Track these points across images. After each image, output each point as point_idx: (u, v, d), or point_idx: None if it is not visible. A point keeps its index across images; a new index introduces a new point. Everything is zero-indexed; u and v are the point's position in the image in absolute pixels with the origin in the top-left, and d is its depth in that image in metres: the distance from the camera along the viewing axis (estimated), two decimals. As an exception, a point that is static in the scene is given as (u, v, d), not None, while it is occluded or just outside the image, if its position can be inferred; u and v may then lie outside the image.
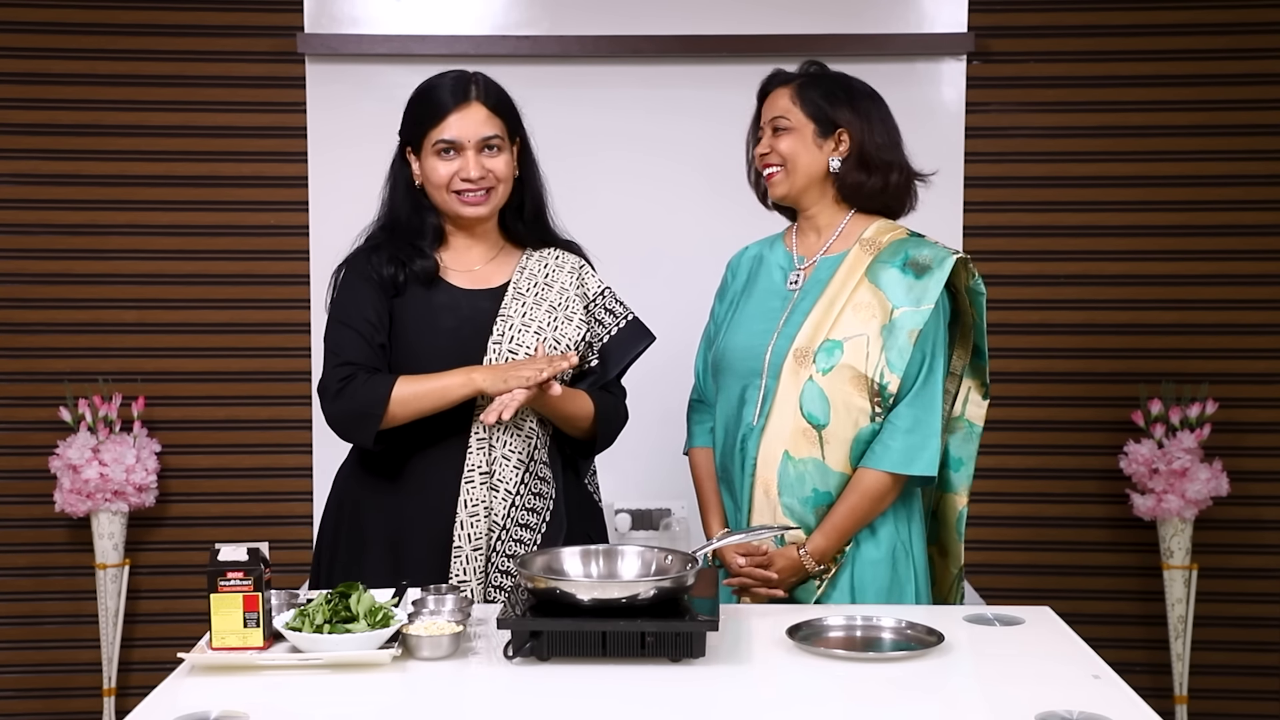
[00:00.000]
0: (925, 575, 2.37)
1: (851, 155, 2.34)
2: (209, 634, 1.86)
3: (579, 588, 1.89)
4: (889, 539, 2.31)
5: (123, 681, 3.70)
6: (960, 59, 3.70)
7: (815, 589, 2.28)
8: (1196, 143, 3.71)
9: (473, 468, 2.29)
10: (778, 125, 2.36)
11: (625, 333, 2.45)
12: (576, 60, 3.70)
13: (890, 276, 2.29)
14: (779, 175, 2.37)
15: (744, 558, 2.29)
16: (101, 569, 3.62)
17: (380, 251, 2.35)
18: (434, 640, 1.86)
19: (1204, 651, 3.69)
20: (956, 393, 2.43)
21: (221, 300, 3.77)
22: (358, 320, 2.31)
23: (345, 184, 3.67)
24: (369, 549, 2.32)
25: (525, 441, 2.33)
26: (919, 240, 2.35)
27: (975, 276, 2.34)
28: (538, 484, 2.34)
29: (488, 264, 2.40)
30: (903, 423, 2.26)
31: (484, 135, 2.32)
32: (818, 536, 2.27)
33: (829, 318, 2.29)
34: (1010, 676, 1.87)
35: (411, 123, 2.37)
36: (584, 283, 2.44)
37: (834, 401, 2.26)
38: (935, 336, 2.29)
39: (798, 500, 2.28)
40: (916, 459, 2.26)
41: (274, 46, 3.71)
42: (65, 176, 3.74)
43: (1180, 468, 3.50)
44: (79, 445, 3.56)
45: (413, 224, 2.38)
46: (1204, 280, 3.74)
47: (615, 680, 1.78)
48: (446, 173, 2.32)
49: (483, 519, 2.29)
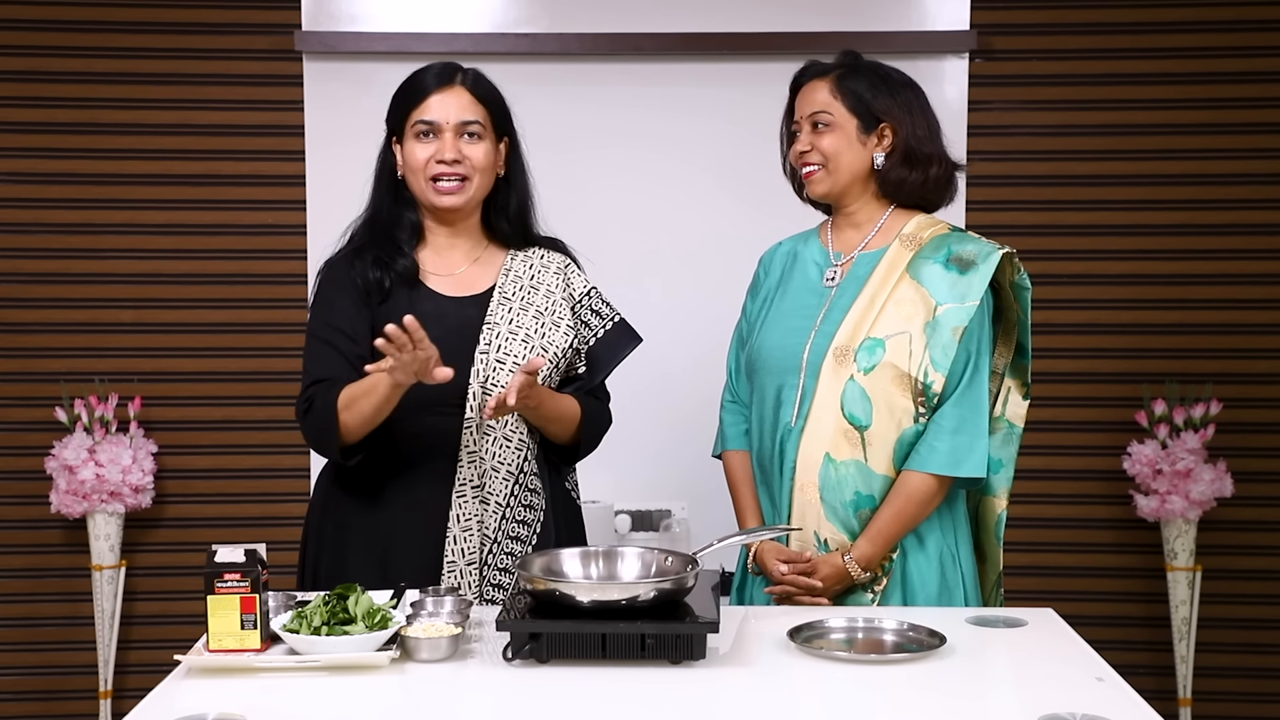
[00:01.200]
0: (974, 580, 2.33)
1: (895, 151, 2.30)
2: (206, 636, 1.86)
3: (579, 589, 1.88)
4: (936, 545, 2.28)
5: (119, 684, 3.71)
6: (962, 57, 3.70)
7: (869, 603, 2.24)
8: (1201, 141, 3.72)
9: (463, 482, 2.28)
10: (818, 121, 2.30)
11: (612, 335, 2.43)
12: (576, 58, 3.70)
13: (933, 272, 2.26)
14: (819, 174, 2.31)
15: (786, 565, 2.25)
16: (98, 570, 3.62)
17: (364, 254, 2.33)
18: (432, 642, 1.85)
19: (1208, 654, 3.69)
20: (997, 392, 2.39)
21: (218, 300, 3.77)
22: (331, 333, 2.30)
23: (343, 183, 3.62)
24: (355, 566, 2.29)
25: (515, 453, 2.32)
26: (962, 235, 2.32)
27: (1020, 272, 2.30)
28: (528, 495, 2.33)
29: (471, 266, 2.39)
30: (948, 423, 2.22)
31: (464, 119, 2.31)
32: (863, 542, 2.23)
33: (870, 315, 2.25)
34: (1013, 679, 1.87)
35: (396, 106, 2.37)
36: (570, 283, 2.43)
37: (876, 402, 2.22)
38: (980, 334, 2.26)
39: (840, 504, 2.24)
40: (964, 460, 2.22)
41: (271, 44, 3.72)
42: (61, 175, 3.74)
43: (1184, 468, 3.50)
44: (75, 446, 3.56)
45: (391, 216, 2.37)
46: (1208, 279, 3.74)
47: (615, 683, 1.78)
48: (424, 155, 2.31)
49: (475, 533, 2.28)
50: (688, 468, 3.50)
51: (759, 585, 2.35)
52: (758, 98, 2.84)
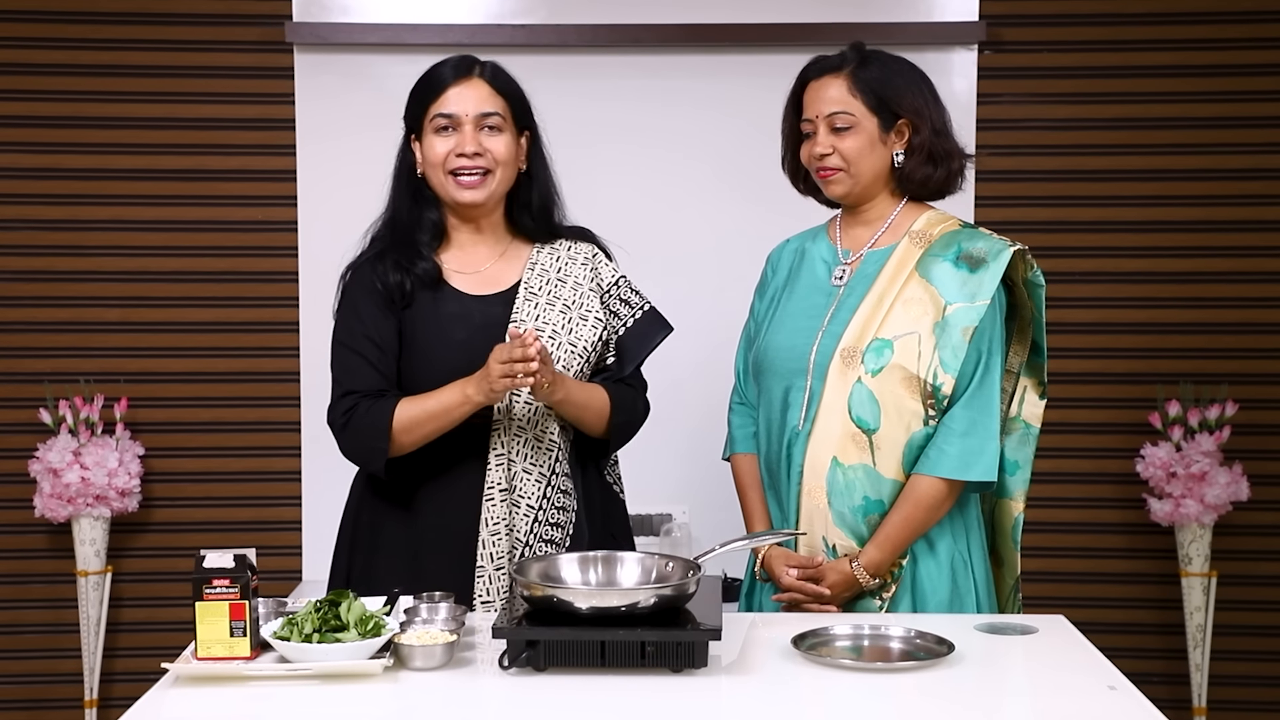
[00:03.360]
0: (988, 587, 2.33)
1: (917, 149, 2.30)
2: (194, 643, 1.87)
3: (577, 595, 1.89)
4: (947, 551, 2.28)
5: (105, 693, 3.71)
6: (971, 48, 3.70)
7: (878, 610, 2.25)
8: (1216, 135, 3.71)
9: (493, 485, 2.29)
10: (837, 122, 2.29)
11: (642, 323, 2.43)
12: (575, 50, 3.70)
13: (942, 271, 2.26)
14: (840, 176, 2.30)
15: (794, 570, 2.26)
16: (83, 576, 3.62)
17: (385, 258, 2.34)
18: (427, 650, 1.86)
19: (1224, 662, 3.69)
20: (1013, 392, 2.39)
21: (207, 298, 3.77)
22: (360, 341, 2.30)
23: (335, 178, 3.68)
24: (387, 570, 2.30)
25: (546, 454, 2.33)
26: (972, 232, 2.32)
27: (1034, 268, 2.30)
28: (560, 497, 2.33)
29: (496, 262, 2.39)
30: (958, 425, 2.22)
31: (483, 111, 2.32)
32: (871, 548, 2.23)
33: (877, 315, 2.25)
34: (1023, 687, 1.88)
35: (413, 103, 2.38)
36: (598, 273, 2.43)
37: (884, 404, 2.22)
38: (991, 334, 2.26)
39: (848, 509, 2.24)
40: (974, 464, 2.22)
41: (261, 35, 3.71)
42: (45, 170, 3.73)
43: (1199, 471, 3.50)
44: (59, 448, 3.56)
45: (412, 217, 2.37)
46: (1224, 277, 3.74)
47: (614, 691, 1.78)
48: (444, 149, 2.31)
49: (504, 537, 2.28)
50: (689, 471, 3.50)
51: (768, 592, 2.35)
52: (761, 91, 2.83)
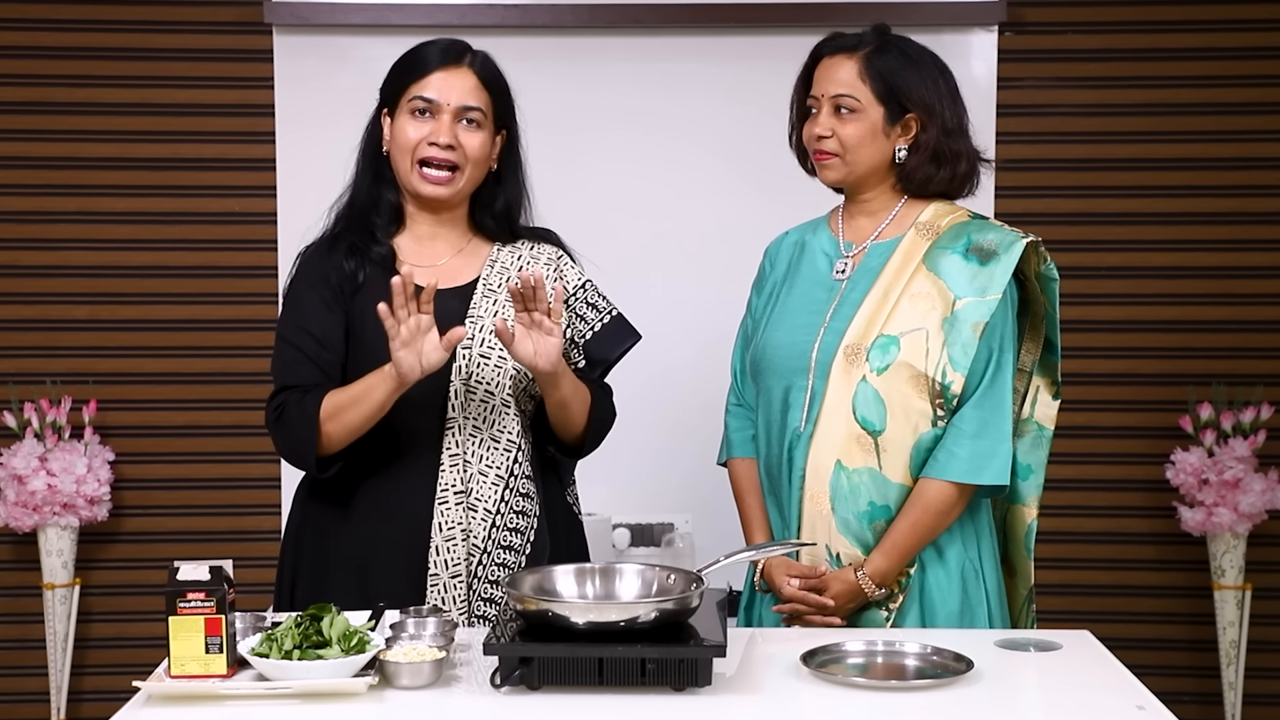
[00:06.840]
0: (1000, 598, 2.33)
1: (920, 145, 2.30)
2: (167, 660, 1.86)
3: (573, 610, 1.89)
4: (957, 559, 2.27)
5: (73, 712, 3.71)
6: (991, 30, 3.70)
7: (884, 622, 2.24)
8: (1249, 121, 3.72)
9: (446, 487, 2.28)
10: (841, 105, 2.29)
11: (609, 330, 2.43)
12: (571, 31, 3.70)
13: (951, 264, 2.25)
14: (834, 161, 2.31)
15: (795, 580, 2.25)
16: (49, 589, 3.62)
17: (338, 243, 2.35)
18: (414, 667, 1.86)
19: (1259, 680, 3.69)
20: (1025, 392, 2.39)
21: (181, 295, 3.77)
22: (299, 335, 2.31)
23: (316, 167, 3.62)
24: (334, 580, 2.30)
25: (505, 455, 2.32)
26: (982, 223, 2.32)
27: (1047, 262, 2.30)
28: (520, 501, 2.33)
29: (454, 257, 2.39)
30: (969, 427, 2.22)
31: (466, 103, 2.32)
32: (877, 556, 2.23)
33: (883, 310, 2.25)
34: (1046, 707, 1.88)
35: (392, 77, 2.37)
36: (563, 275, 2.43)
37: (890, 404, 2.22)
38: (1003, 330, 2.26)
39: (853, 515, 2.24)
40: (985, 467, 2.22)
41: (238, 16, 3.72)
42: (8, 159, 3.74)
43: (1232, 478, 3.50)
44: (24, 453, 3.56)
45: (370, 197, 2.37)
46: (1258, 272, 3.74)
47: (613, 711, 1.78)
48: (416, 135, 2.31)
49: (460, 543, 2.28)
50: (692, 477, 3.50)
51: (768, 604, 2.35)
52: (768, 74, 2.84)
